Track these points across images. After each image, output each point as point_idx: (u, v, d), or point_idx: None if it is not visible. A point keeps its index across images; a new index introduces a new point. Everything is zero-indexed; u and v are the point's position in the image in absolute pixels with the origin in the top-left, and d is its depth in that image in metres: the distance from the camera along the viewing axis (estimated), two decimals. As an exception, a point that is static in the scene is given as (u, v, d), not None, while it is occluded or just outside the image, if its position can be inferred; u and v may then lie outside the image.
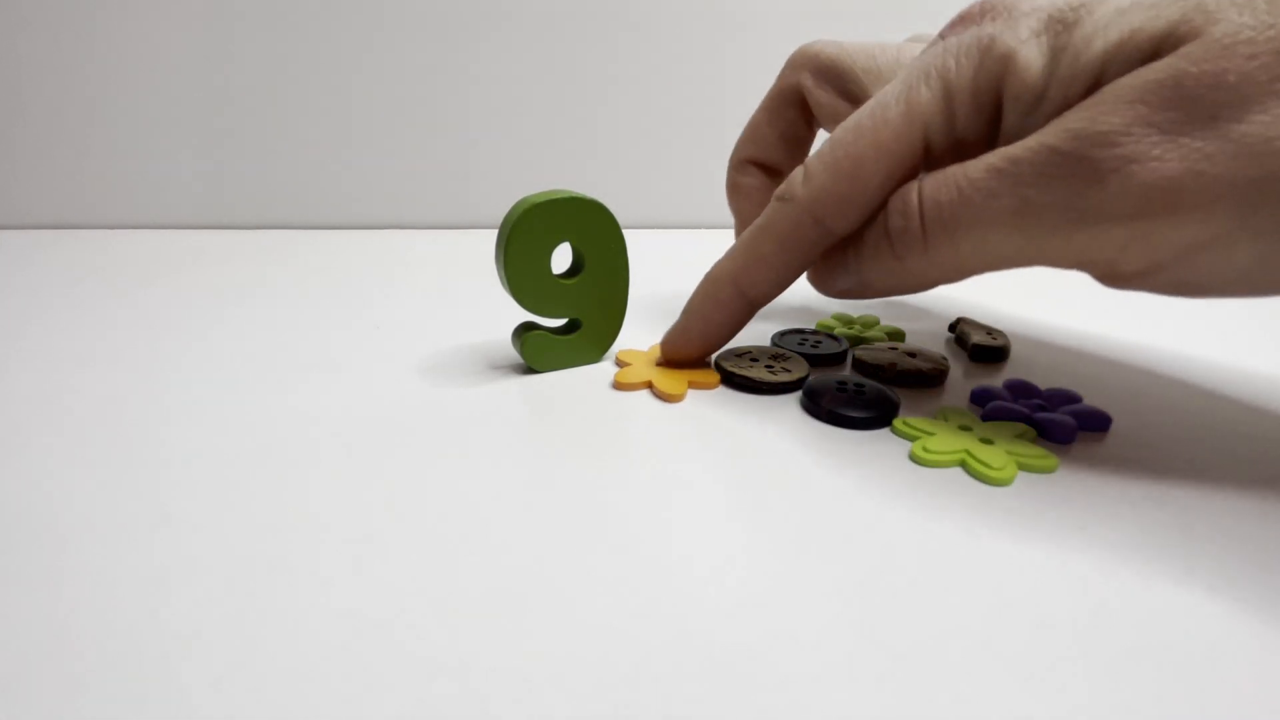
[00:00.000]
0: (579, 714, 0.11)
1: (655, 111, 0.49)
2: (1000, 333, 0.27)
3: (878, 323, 0.30)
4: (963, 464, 0.18)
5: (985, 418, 0.21)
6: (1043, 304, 0.32)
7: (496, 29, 0.47)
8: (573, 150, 0.49)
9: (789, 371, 0.23)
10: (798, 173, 0.20)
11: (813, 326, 0.29)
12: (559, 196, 0.22)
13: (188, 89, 0.46)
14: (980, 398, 0.22)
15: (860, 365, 0.24)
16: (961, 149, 0.18)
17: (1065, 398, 0.22)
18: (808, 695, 0.12)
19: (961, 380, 0.24)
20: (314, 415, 0.21)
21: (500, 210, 0.23)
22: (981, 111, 0.18)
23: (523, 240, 0.22)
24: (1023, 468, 0.18)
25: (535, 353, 0.24)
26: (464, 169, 0.49)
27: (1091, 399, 0.22)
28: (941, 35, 0.19)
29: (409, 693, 0.11)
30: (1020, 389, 0.22)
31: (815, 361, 0.25)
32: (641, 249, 0.29)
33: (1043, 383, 0.23)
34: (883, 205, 0.19)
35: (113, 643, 0.12)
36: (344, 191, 0.49)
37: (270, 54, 0.46)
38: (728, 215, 0.49)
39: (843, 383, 0.22)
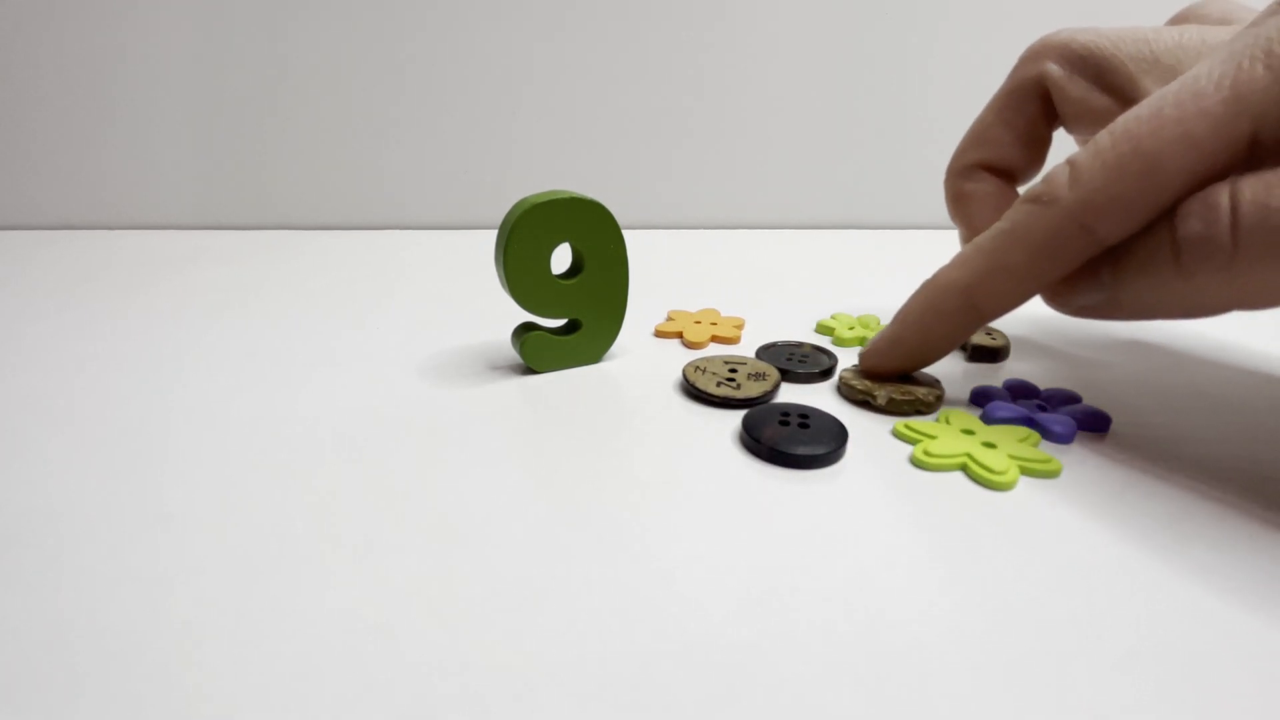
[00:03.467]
0: (578, 714, 0.11)
1: (655, 111, 0.49)
2: (999, 332, 0.27)
3: (879, 323, 0.29)
4: (964, 468, 0.18)
5: (985, 419, 0.21)
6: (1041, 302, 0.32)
7: (496, 29, 0.47)
8: (573, 150, 0.49)
9: (736, 388, 0.21)
10: (1060, 171, 0.17)
11: (796, 339, 0.27)
12: (559, 197, 0.22)
13: (188, 89, 0.46)
14: (979, 398, 0.22)
15: (844, 390, 0.22)
16: None
17: (1065, 398, 0.22)
18: (808, 696, 0.12)
19: (961, 380, 0.24)
20: (313, 415, 0.21)
21: (500, 210, 0.23)
22: None
23: (522, 241, 0.22)
24: (1025, 472, 0.18)
25: (535, 353, 0.24)
26: (464, 169, 0.49)
27: (1091, 399, 0.22)
28: (1273, 11, 0.16)
29: (408, 693, 0.11)
30: (1020, 389, 0.22)
31: (795, 379, 0.23)
32: (641, 249, 0.29)
33: (1042, 383, 0.23)
34: (1166, 211, 0.16)
35: (113, 643, 0.12)
36: (344, 191, 0.49)
37: (270, 54, 0.46)
38: (728, 215, 0.48)
39: (785, 414, 0.20)
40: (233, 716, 0.11)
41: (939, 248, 0.43)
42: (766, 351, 0.25)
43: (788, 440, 0.19)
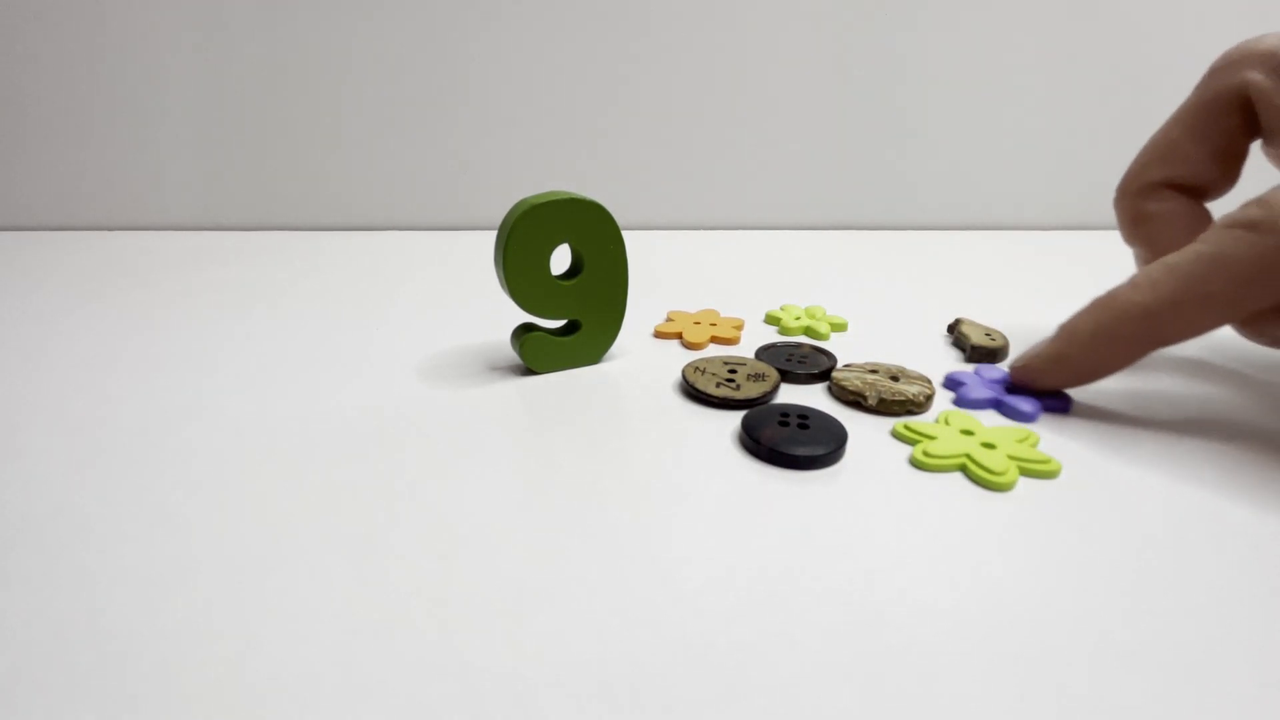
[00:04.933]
0: (578, 714, 0.11)
1: (655, 112, 0.49)
2: (998, 333, 0.27)
3: (824, 313, 0.29)
4: (963, 469, 0.18)
5: (957, 402, 0.21)
6: (1041, 303, 0.32)
7: (496, 29, 0.47)
8: (573, 150, 0.49)
9: (735, 389, 0.21)
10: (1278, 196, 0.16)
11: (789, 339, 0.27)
12: (558, 198, 0.22)
13: (188, 89, 0.46)
14: (951, 384, 0.23)
15: (836, 391, 0.22)
16: None
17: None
18: (808, 696, 0.12)
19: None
20: (313, 415, 0.21)
21: (500, 211, 0.23)
22: None
23: (522, 241, 0.22)
24: (1025, 473, 0.18)
25: (534, 354, 0.24)
26: (464, 169, 0.49)
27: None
28: None
29: (408, 694, 0.11)
30: (988, 374, 0.23)
31: (794, 380, 0.23)
32: (641, 249, 0.29)
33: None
34: None
35: (113, 643, 0.12)
36: (344, 192, 0.49)
37: (270, 54, 0.46)
38: (728, 215, 0.48)
39: (784, 414, 0.20)
40: (232, 716, 0.11)
41: (940, 248, 0.43)
42: (766, 352, 0.25)
43: (787, 441, 0.19)
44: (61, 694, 0.11)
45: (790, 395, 0.23)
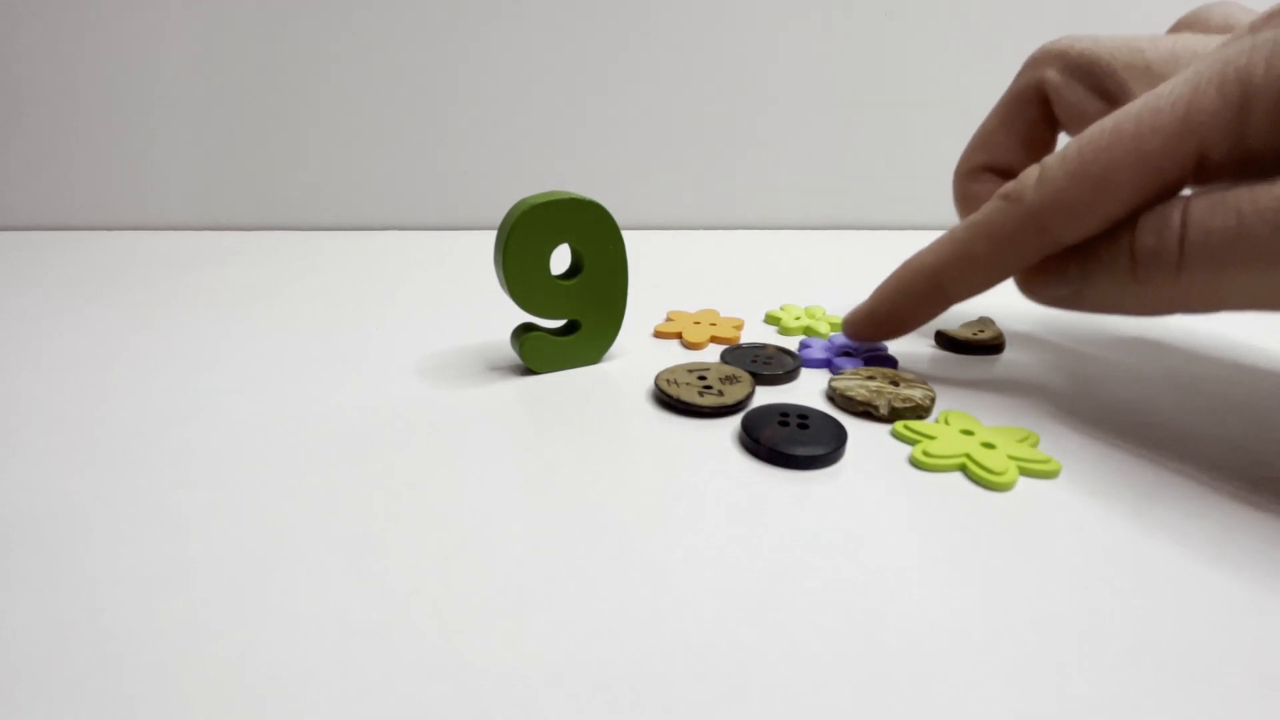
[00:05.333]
0: (578, 715, 0.11)
1: (655, 111, 0.49)
2: (988, 321, 0.27)
3: (823, 312, 0.30)
4: (963, 469, 0.18)
5: (805, 365, 0.24)
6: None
7: (496, 29, 0.47)
8: (573, 150, 0.49)
9: (720, 395, 0.21)
10: (1030, 172, 0.19)
11: (759, 341, 0.27)
12: (558, 198, 0.22)
13: (188, 89, 0.46)
14: (803, 347, 0.26)
15: (841, 401, 0.22)
16: (1243, 168, 0.16)
17: (875, 351, 0.26)
18: (807, 696, 0.12)
19: (954, 379, 0.24)
20: (313, 415, 0.21)
21: (500, 210, 0.23)
22: None
23: (521, 241, 0.22)
24: (1025, 473, 0.18)
25: (534, 354, 0.24)
26: (464, 169, 0.49)
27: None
28: (1252, 27, 0.16)
29: (407, 694, 0.11)
30: (837, 340, 0.26)
31: (762, 382, 0.23)
32: (641, 249, 0.29)
33: (1039, 378, 0.23)
34: (1125, 219, 0.17)
35: (113, 643, 0.12)
36: (344, 192, 0.49)
37: (270, 54, 0.46)
38: (728, 215, 0.49)
39: (784, 414, 0.20)
40: (232, 716, 0.11)
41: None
42: (731, 355, 0.25)
43: (787, 441, 0.19)
44: (61, 694, 0.11)
45: (764, 396, 0.22)
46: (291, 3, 0.45)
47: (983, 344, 0.26)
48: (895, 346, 0.27)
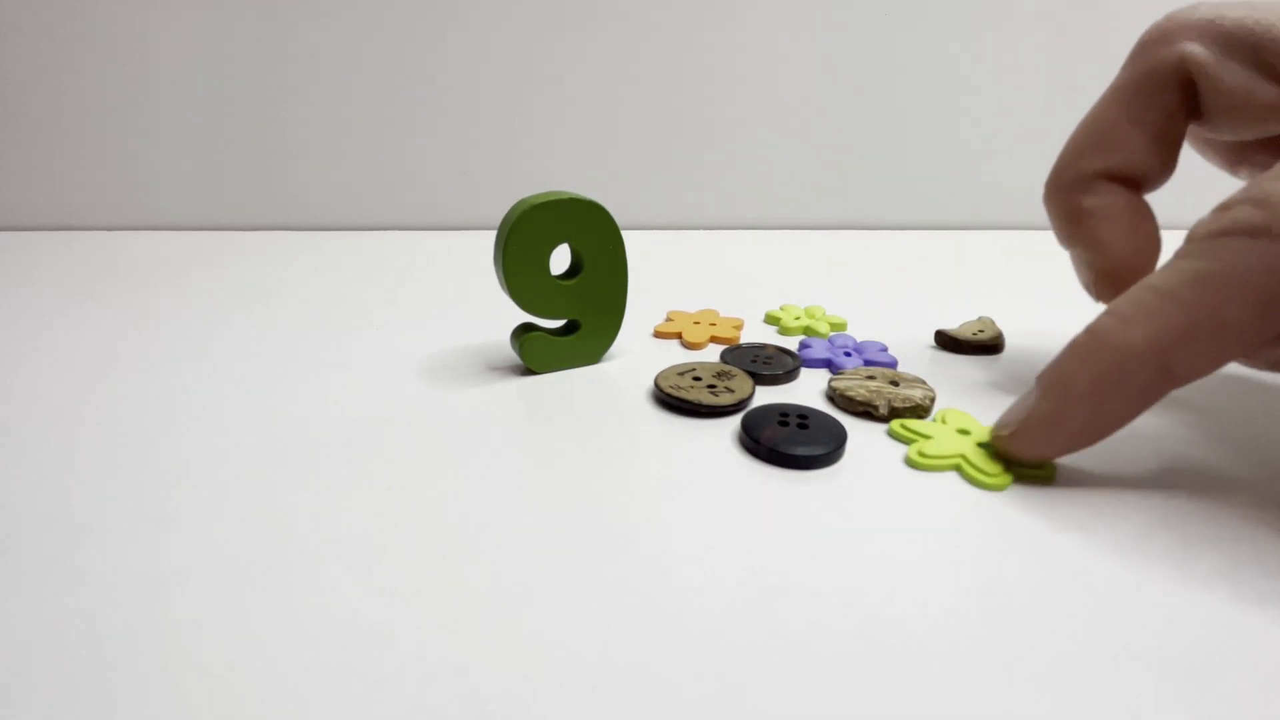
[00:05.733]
0: (578, 714, 0.11)
1: (655, 112, 0.49)
2: (988, 321, 0.27)
3: (823, 312, 0.30)
4: (958, 469, 0.18)
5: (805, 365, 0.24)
6: (1040, 303, 0.32)
7: (496, 29, 0.47)
8: (573, 150, 0.49)
9: (731, 392, 0.21)
10: (1273, 191, 0.13)
11: (758, 341, 0.27)
12: (557, 198, 0.22)
13: (188, 89, 0.46)
14: (803, 347, 0.26)
15: (841, 401, 0.22)
16: None
17: (877, 349, 0.26)
18: (806, 696, 0.12)
19: (954, 378, 0.24)
20: (313, 415, 0.21)
21: (500, 210, 0.23)
22: None
23: (521, 241, 0.22)
24: (1018, 475, 0.18)
25: (534, 354, 0.24)
26: (464, 169, 0.49)
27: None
28: None
29: (408, 694, 0.11)
30: (838, 342, 0.26)
31: (762, 382, 0.23)
32: (640, 249, 0.29)
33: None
34: None
35: (113, 643, 0.12)
36: (344, 192, 0.49)
37: (270, 54, 0.46)
38: (728, 215, 0.48)
39: (784, 414, 0.20)
40: (232, 716, 0.11)
41: (939, 248, 0.43)
42: (731, 355, 0.25)
43: (787, 441, 0.19)
44: (61, 694, 0.11)
45: (764, 396, 0.23)
46: (291, 3, 0.45)
47: (982, 344, 0.26)
48: (894, 347, 0.27)
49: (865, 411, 0.21)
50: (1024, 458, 0.17)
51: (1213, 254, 0.14)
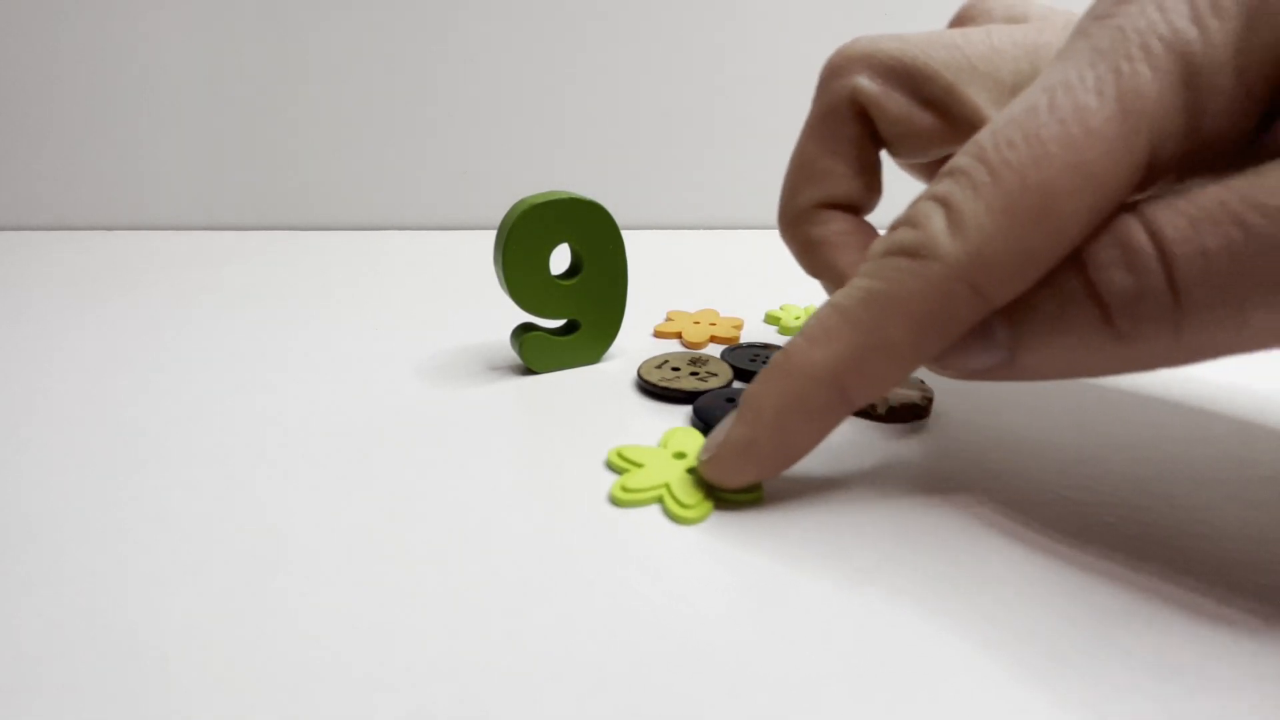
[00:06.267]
0: (578, 714, 0.11)
1: (655, 111, 0.49)
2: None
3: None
4: (660, 500, 0.17)
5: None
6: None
7: (496, 29, 0.47)
8: (573, 150, 0.49)
9: (715, 375, 0.23)
10: (932, 215, 0.13)
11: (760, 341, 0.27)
12: (557, 197, 0.22)
13: (188, 89, 0.46)
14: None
15: None
16: (1195, 160, 0.13)
17: None
18: (807, 695, 0.12)
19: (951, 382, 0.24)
20: (312, 415, 0.21)
21: (500, 210, 0.23)
22: (1252, 100, 0.12)
23: (521, 241, 0.22)
24: (723, 500, 0.17)
25: (534, 354, 0.24)
26: (464, 169, 0.49)
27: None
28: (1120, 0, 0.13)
29: (407, 694, 0.11)
30: None
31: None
32: (640, 249, 0.29)
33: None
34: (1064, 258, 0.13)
35: (107, 645, 0.12)
36: (344, 191, 0.49)
37: (270, 54, 0.46)
38: (727, 215, 0.48)
39: (731, 398, 0.20)
40: (232, 716, 0.11)
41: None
42: (731, 354, 0.25)
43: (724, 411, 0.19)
44: (61, 694, 0.11)
45: None
46: (291, 3, 0.45)
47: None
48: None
49: (864, 412, 0.21)
50: (721, 485, 0.17)
51: (879, 273, 0.14)
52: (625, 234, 0.24)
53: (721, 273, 0.38)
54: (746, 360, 0.24)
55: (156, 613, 0.13)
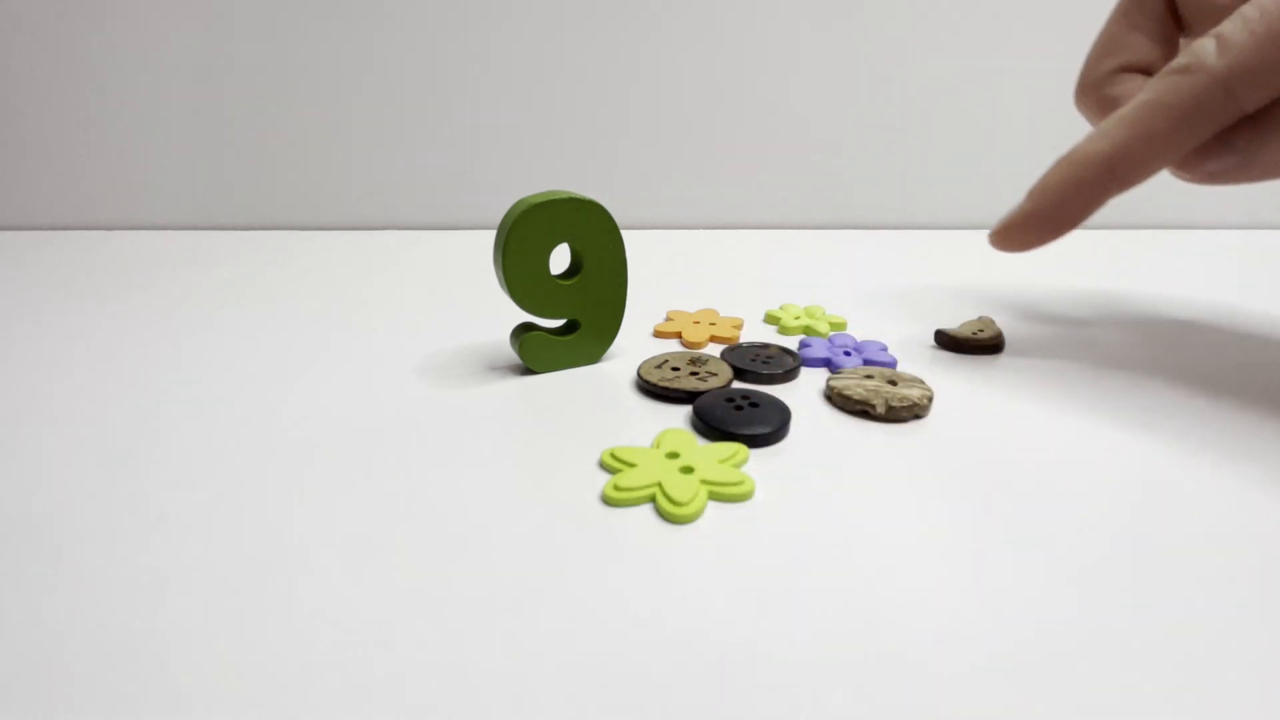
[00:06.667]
0: (578, 714, 0.11)
1: (655, 111, 0.49)
2: (988, 321, 0.27)
3: (824, 313, 0.30)
4: (653, 499, 0.17)
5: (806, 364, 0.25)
6: (1039, 300, 0.32)
7: (496, 29, 0.47)
8: (573, 150, 0.49)
9: (715, 375, 0.23)
10: (1205, 43, 0.18)
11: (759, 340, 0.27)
12: (557, 197, 0.22)
13: (188, 89, 0.46)
14: (803, 346, 0.26)
15: (838, 400, 0.22)
16: None
17: (877, 348, 0.26)
18: (805, 695, 0.12)
19: (951, 380, 0.24)
20: (312, 415, 0.21)
21: (499, 210, 0.23)
22: None
23: (521, 241, 0.22)
24: (715, 497, 0.17)
25: (533, 353, 0.24)
26: (464, 169, 0.49)
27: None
28: None
29: (407, 694, 0.11)
30: (839, 341, 0.27)
31: (759, 380, 0.23)
32: (640, 249, 0.29)
33: (1040, 378, 0.23)
34: None
35: (108, 644, 0.12)
36: (343, 191, 0.49)
37: (270, 54, 0.46)
38: (728, 215, 0.48)
39: (730, 398, 0.21)
40: (231, 717, 0.11)
41: (939, 247, 0.43)
42: (731, 353, 0.25)
43: (737, 421, 0.20)
44: (61, 694, 0.11)
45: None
46: (291, 3, 0.45)
47: (983, 343, 0.26)
48: (894, 346, 0.27)
49: (863, 410, 0.21)
50: (1006, 249, 0.22)
51: (1154, 87, 0.19)
52: (625, 234, 0.24)
53: (721, 273, 0.38)
54: (747, 360, 0.24)
55: (156, 613, 0.13)
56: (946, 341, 0.27)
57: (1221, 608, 0.14)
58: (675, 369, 0.23)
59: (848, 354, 0.25)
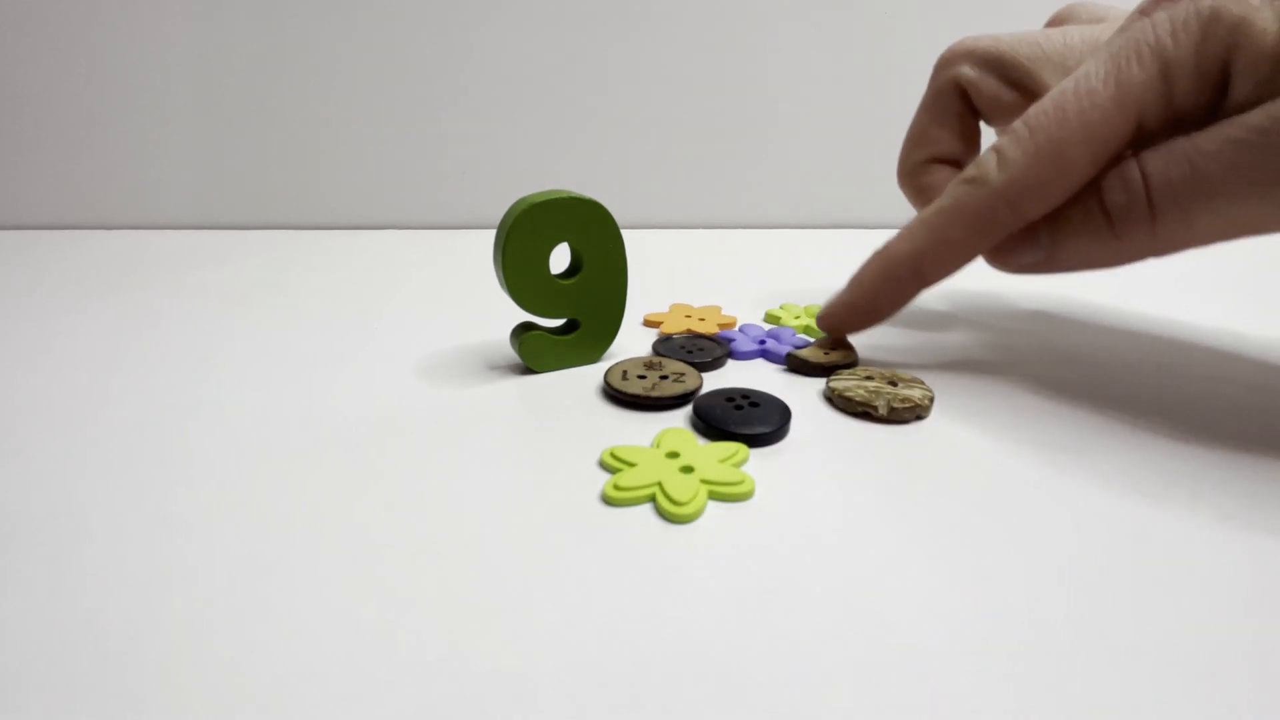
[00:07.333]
0: (578, 714, 0.11)
1: (655, 111, 0.49)
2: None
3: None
4: (653, 499, 0.17)
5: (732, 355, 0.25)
6: (1040, 300, 0.32)
7: (496, 28, 0.47)
8: (573, 150, 0.49)
9: (682, 376, 0.22)
10: (989, 157, 0.20)
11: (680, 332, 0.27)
12: (557, 196, 0.22)
13: (187, 89, 0.46)
14: (725, 339, 0.26)
15: (839, 402, 0.22)
16: (1176, 125, 0.18)
17: (789, 334, 0.27)
18: (806, 695, 0.12)
19: (950, 380, 0.24)
20: (313, 415, 0.21)
21: (499, 210, 0.23)
22: (1205, 85, 0.17)
23: (521, 240, 0.22)
24: (715, 497, 0.17)
25: (533, 353, 0.24)
26: (464, 169, 0.49)
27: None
28: (1142, 11, 0.19)
29: (406, 694, 0.11)
30: (751, 333, 0.27)
31: (698, 369, 0.24)
32: (640, 249, 0.29)
33: (1040, 378, 0.23)
34: (1084, 187, 0.19)
35: (113, 643, 0.12)
36: (344, 191, 0.49)
37: (269, 54, 0.46)
38: (728, 215, 0.49)
39: (730, 398, 0.21)
40: (232, 717, 0.11)
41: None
42: (664, 345, 0.25)
43: (737, 420, 0.20)
44: (61, 694, 0.11)
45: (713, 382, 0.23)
46: (291, 3, 0.45)
47: (834, 365, 0.24)
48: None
49: (864, 412, 0.21)
50: (833, 334, 0.25)
51: (950, 194, 0.21)
52: (625, 234, 0.24)
53: (721, 272, 0.38)
54: (677, 350, 0.25)
55: (156, 613, 0.13)
56: (798, 365, 0.25)
57: (1221, 608, 0.14)
58: (641, 376, 0.22)
59: (762, 342, 0.26)
